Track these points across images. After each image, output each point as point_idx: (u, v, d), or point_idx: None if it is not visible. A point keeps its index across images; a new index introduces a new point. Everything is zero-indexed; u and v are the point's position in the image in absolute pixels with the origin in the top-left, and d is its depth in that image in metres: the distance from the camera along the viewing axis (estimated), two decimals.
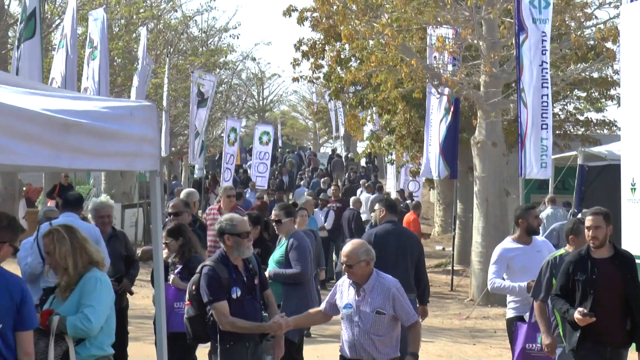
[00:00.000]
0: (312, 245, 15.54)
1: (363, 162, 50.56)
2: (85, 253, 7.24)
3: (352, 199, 26.41)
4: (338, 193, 27.83)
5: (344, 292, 8.26)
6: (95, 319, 7.01)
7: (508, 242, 11.01)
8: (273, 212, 11.69)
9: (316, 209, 23.46)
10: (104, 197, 12.33)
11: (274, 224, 11.63)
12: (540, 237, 11.31)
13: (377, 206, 12.66)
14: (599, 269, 8.76)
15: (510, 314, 10.87)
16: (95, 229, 11.14)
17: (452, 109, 23.01)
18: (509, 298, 10.93)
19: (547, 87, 17.38)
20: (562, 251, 9.78)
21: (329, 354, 13.69)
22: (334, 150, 63.10)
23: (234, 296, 8.39)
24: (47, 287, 10.48)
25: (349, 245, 8.21)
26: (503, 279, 10.80)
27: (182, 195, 14.81)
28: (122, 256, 11.95)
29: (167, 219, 12.58)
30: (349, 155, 59.02)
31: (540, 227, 11.98)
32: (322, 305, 8.61)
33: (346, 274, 8.17)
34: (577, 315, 8.64)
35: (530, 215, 10.94)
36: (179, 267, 10.47)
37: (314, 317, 8.97)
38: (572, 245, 9.72)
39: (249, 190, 33.68)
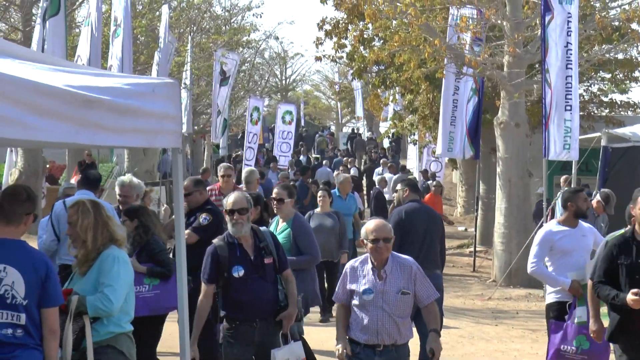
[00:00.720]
0: (335, 227, 15.52)
1: (386, 142, 50.47)
2: (107, 230, 7.24)
3: (377, 178, 26.33)
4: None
5: (359, 277, 7.94)
6: (115, 299, 7.01)
7: (553, 225, 10.68)
8: (274, 191, 11.45)
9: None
10: (127, 177, 11.85)
11: (274, 203, 11.27)
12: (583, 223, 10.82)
13: (399, 186, 12.64)
14: None
15: (550, 299, 10.55)
16: (110, 207, 11.09)
17: (478, 90, 22.98)
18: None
19: (572, 69, 17.28)
20: (622, 231, 8.99)
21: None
22: (353, 130, 63.05)
23: (235, 275, 8.42)
24: (62, 264, 10.55)
25: (376, 222, 7.94)
26: (545, 264, 10.54)
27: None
28: None
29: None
30: (370, 135, 59.01)
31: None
32: (338, 297, 8.14)
33: (376, 253, 7.82)
34: (631, 296, 7.95)
35: (579, 198, 10.64)
36: (137, 249, 10.07)
37: (346, 315, 8.12)
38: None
39: (270, 171, 33.61)
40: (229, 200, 8.57)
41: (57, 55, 16.14)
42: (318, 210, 15.81)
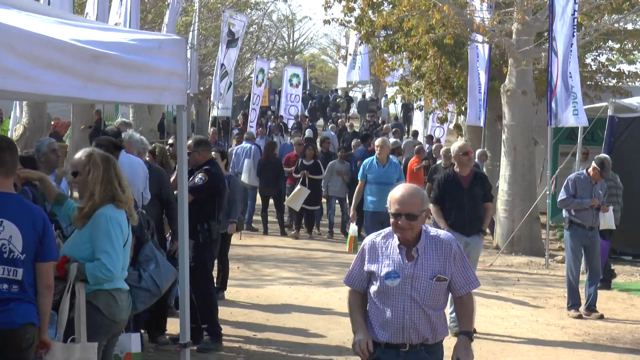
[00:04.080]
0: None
1: (392, 107, 50.56)
2: (111, 188, 7.17)
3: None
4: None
5: (381, 256, 6.30)
6: (113, 266, 6.93)
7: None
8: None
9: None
10: (125, 133, 11.59)
11: None
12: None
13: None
14: None
15: None
16: (142, 164, 11.04)
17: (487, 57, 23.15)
18: None
19: (575, 36, 17.31)
20: None
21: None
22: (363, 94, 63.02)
23: None
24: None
25: (404, 189, 6.30)
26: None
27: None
28: (155, 196, 11.10)
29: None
30: (372, 96, 59.14)
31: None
32: (351, 280, 6.47)
33: (397, 230, 6.23)
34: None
35: None
36: None
37: (361, 304, 6.49)
38: None
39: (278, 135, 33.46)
40: None
41: (64, 10, 16.10)
42: None
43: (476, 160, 18.46)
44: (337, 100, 56.86)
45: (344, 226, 22.33)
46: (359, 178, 16.70)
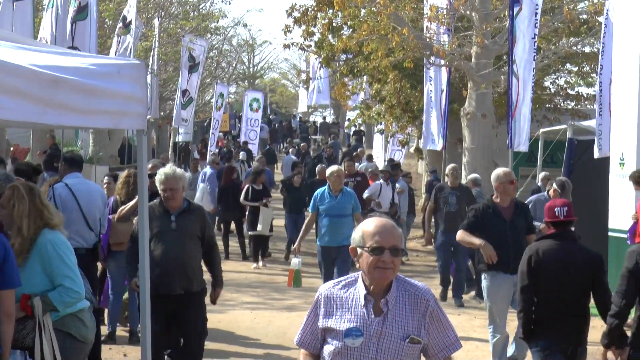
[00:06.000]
0: None
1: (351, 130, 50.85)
2: (41, 218, 7.03)
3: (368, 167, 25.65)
4: (353, 167, 24.31)
5: (341, 309, 5.23)
6: (77, 286, 6.93)
7: None
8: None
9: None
10: (168, 167, 10.23)
11: None
12: None
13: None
14: None
15: None
16: (100, 190, 10.99)
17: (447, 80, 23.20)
18: None
19: (534, 60, 17.43)
20: None
21: None
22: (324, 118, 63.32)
23: None
24: None
25: (380, 221, 5.22)
26: None
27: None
28: (196, 237, 10.00)
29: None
30: (334, 119, 59.49)
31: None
32: (302, 340, 5.41)
33: (376, 271, 5.11)
34: None
35: None
36: None
37: None
38: None
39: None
40: None
41: (25, 34, 16.02)
42: None
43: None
44: (306, 123, 57.28)
45: None
46: (309, 210, 15.40)
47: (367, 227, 5.15)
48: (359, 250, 5.14)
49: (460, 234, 11.53)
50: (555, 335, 8.76)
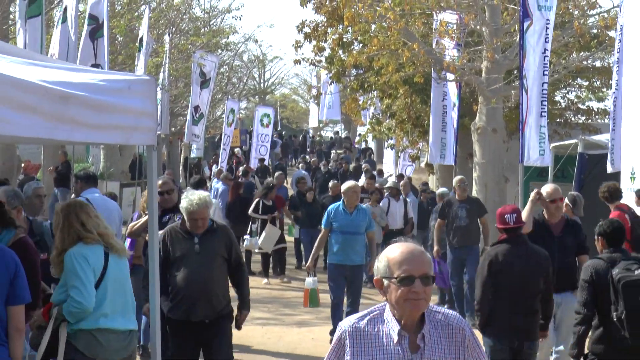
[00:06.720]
0: None
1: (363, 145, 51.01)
2: (73, 231, 7.25)
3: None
4: (372, 185, 24.28)
5: (372, 348, 4.66)
6: (83, 298, 6.99)
7: None
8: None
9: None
10: (197, 197, 9.89)
11: None
12: None
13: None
14: None
15: None
16: (117, 207, 11.09)
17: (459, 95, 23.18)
18: None
19: (547, 75, 17.37)
20: None
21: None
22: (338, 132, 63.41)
23: None
24: None
25: (405, 246, 4.67)
26: None
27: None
28: (221, 258, 9.87)
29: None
30: (346, 134, 59.56)
31: None
32: None
33: (406, 303, 4.57)
34: None
35: None
36: None
37: None
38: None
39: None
40: None
41: (34, 50, 16.08)
42: None
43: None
44: (314, 138, 57.46)
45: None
46: (322, 226, 14.82)
47: (392, 255, 4.61)
48: (386, 282, 4.60)
49: None
50: (505, 330, 9.55)
